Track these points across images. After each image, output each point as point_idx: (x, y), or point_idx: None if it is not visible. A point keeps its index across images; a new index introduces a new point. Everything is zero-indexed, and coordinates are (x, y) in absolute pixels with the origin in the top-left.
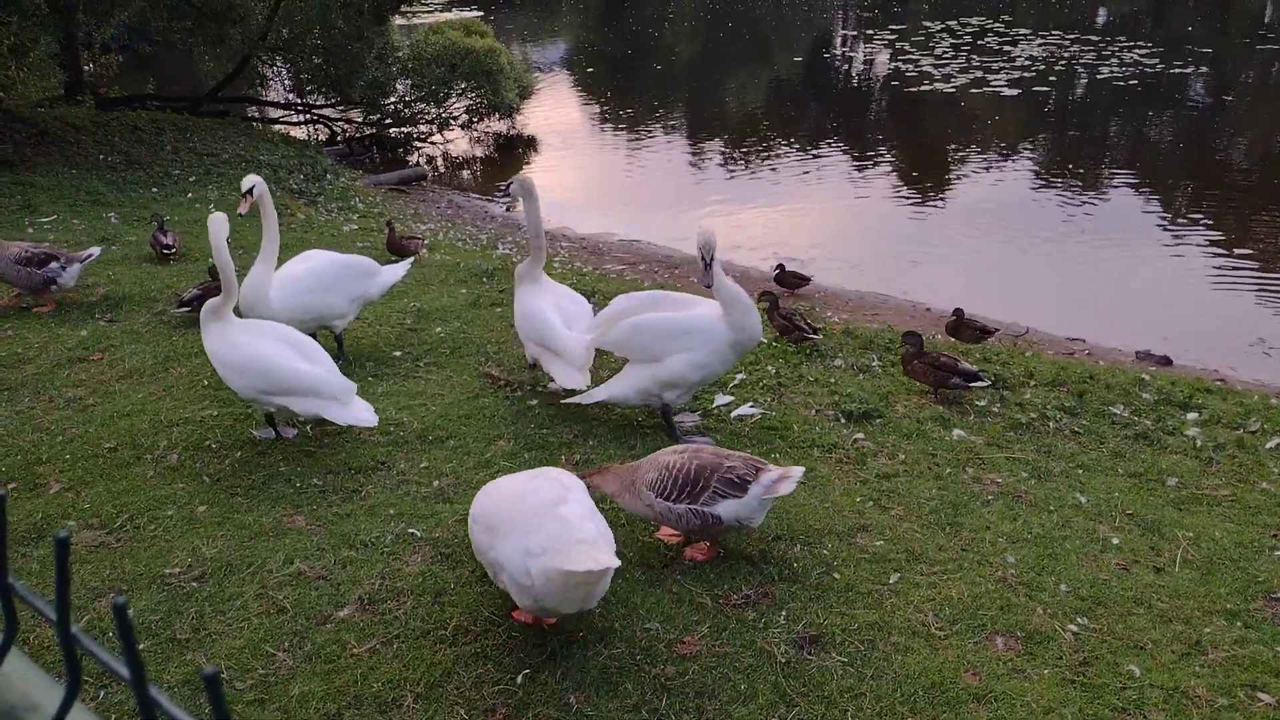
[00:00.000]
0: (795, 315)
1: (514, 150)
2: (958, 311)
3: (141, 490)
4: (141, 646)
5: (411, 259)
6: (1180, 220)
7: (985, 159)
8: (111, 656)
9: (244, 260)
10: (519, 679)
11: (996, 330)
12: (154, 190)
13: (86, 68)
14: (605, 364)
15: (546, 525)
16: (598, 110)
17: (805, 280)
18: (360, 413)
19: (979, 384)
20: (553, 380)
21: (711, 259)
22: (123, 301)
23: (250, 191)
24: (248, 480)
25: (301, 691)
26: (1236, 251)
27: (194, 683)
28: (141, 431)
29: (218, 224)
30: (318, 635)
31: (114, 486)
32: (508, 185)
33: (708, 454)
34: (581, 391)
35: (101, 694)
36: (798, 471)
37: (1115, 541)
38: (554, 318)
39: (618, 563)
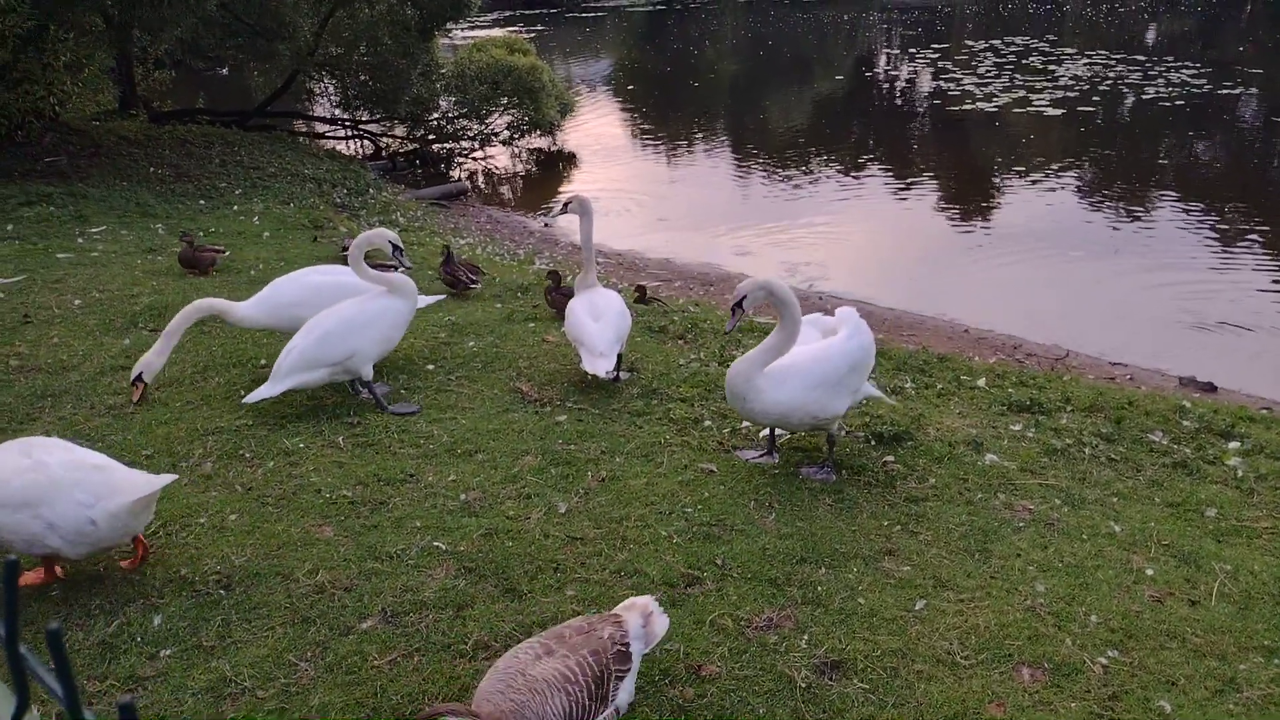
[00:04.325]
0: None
1: (554, 166)
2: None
3: (175, 498)
4: (167, 652)
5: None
6: (1229, 244)
7: (1028, 179)
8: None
9: (272, 270)
10: None
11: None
12: (201, 202)
13: (140, 83)
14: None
15: (85, 479)
16: (637, 127)
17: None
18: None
19: None
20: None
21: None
22: (165, 311)
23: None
24: (279, 490)
25: (322, 702)
26: None
27: (217, 689)
28: (178, 440)
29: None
30: (340, 646)
31: None
32: (567, 201)
33: (569, 634)
34: (605, 376)
35: None
36: (645, 601)
37: (1149, 573)
38: (582, 314)
39: (172, 477)
